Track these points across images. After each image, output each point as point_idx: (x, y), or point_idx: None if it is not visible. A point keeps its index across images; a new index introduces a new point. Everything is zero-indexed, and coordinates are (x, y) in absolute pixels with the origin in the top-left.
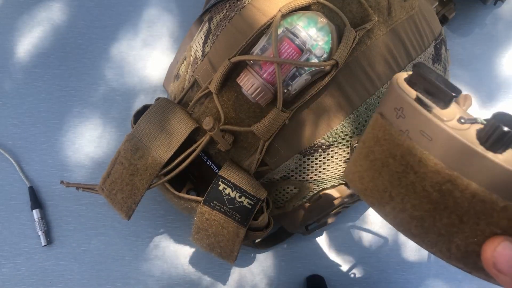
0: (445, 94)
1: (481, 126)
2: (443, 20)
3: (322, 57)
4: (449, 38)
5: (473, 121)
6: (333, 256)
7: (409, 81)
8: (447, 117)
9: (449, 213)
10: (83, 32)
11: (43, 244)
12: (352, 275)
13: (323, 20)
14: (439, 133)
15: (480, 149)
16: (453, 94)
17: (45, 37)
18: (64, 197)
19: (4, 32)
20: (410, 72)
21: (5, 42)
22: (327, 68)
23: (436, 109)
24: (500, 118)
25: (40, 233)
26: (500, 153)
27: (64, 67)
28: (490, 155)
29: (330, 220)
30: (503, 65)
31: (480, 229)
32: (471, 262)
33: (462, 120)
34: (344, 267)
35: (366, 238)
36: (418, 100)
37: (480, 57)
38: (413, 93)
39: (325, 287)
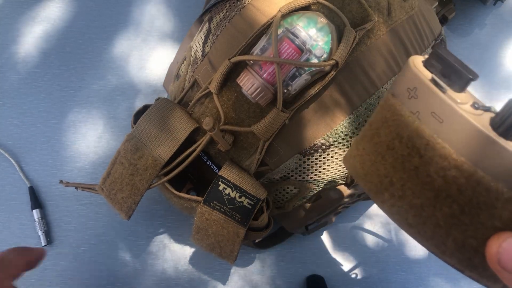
0: (462, 77)
1: (494, 115)
2: (443, 20)
3: (322, 57)
4: (449, 38)
5: (487, 108)
6: (333, 256)
7: (426, 62)
8: (462, 100)
9: (451, 202)
10: (83, 32)
11: (43, 244)
12: (352, 275)
13: (323, 20)
14: (452, 115)
15: (493, 134)
16: (470, 77)
17: (45, 37)
18: (64, 197)
19: (4, 32)
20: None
21: (5, 42)
22: (327, 68)
23: (451, 92)
24: None
25: (40, 233)
26: None
27: (64, 67)
28: (502, 141)
29: (330, 220)
30: (503, 65)
31: (480, 221)
32: (466, 258)
33: (476, 106)
34: (344, 267)
35: (366, 238)
36: (433, 80)
37: (480, 57)
38: (428, 74)
39: (325, 287)
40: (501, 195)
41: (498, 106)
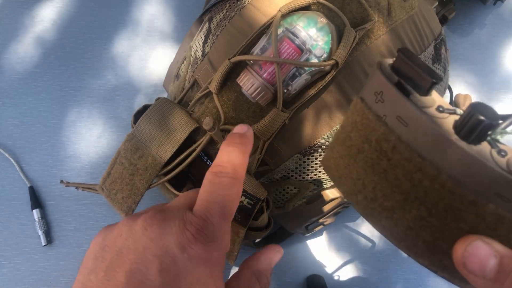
0: (425, 81)
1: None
2: (443, 20)
3: (322, 57)
4: (449, 38)
5: (452, 111)
6: (333, 256)
7: (393, 66)
8: (426, 104)
9: (419, 204)
10: (83, 32)
11: (43, 244)
12: (352, 275)
13: (323, 20)
14: (415, 119)
15: (454, 137)
16: (433, 80)
17: (45, 37)
18: (64, 197)
19: (4, 32)
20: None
21: (5, 42)
22: (327, 68)
23: (415, 95)
24: (477, 108)
25: (40, 233)
26: (474, 144)
27: (64, 67)
28: (463, 144)
29: (330, 220)
30: (503, 65)
31: (447, 224)
32: (437, 259)
33: (441, 109)
34: (344, 267)
35: (366, 238)
36: (398, 84)
37: (480, 57)
38: (394, 78)
39: (325, 287)
40: (465, 198)
41: (498, 106)
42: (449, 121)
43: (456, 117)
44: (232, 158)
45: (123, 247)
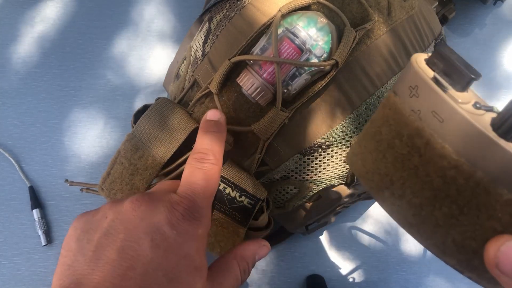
0: (463, 76)
1: (496, 115)
2: (443, 20)
3: (322, 57)
4: (449, 38)
5: (489, 108)
6: (333, 256)
7: (428, 61)
8: (463, 100)
9: (450, 202)
10: (83, 32)
11: (43, 244)
12: (352, 275)
13: (323, 20)
14: (452, 115)
15: (492, 135)
16: (472, 76)
17: (45, 37)
18: (64, 197)
19: (4, 32)
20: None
21: (5, 42)
22: (327, 68)
23: (452, 91)
24: None
25: (40, 232)
26: None
27: (64, 67)
28: (502, 142)
29: (330, 220)
30: (503, 64)
31: (479, 223)
32: (465, 258)
33: (478, 105)
34: (344, 267)
35: (366, 238)
36: (434, 79)
37: (480, 57)
38: (430, 72)
39: (325, 287)
40: (500, 197)
41: (498, 105)
42: (486, 118)
43: (493, 115)
44: (212, 144)
45: (111, 227)
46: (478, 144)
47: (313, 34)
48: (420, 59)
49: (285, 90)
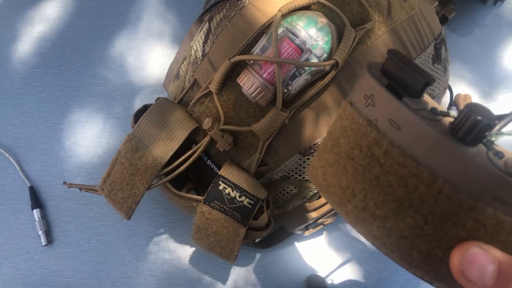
0: (417, 82)
1: (453, 120)
2: (443, 20)
3: (322, 57)
4: (449, 38)
5: (446, 114)
6: (333, 256)
7: (382, 68)
8: (419, 106)
9: (414, 212)
10: (83, 32)
11: (43, 244)
12: (352, 275)
13: (323, 20)
14: (409, 122)
15: (450, 140)
16: (426, 81)
17: (45, 37)
18: (64, 197)
19: (4, 32)
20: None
21: (5, 42)
22: (327, 68)
23: (408, 98)
24: (474, 109)
25: (40, 232)
26: (471, 146)
27: (64, 67)
28: (459, 147)
29: (330, 220)
30: (503, 65)
31: (444, 231)
32: (432, 269)
33: (434, 111)
34: (344, 267)
35: None
36: (389, 87)
37: (480, 57)
38: (385, 80)
39: (325, 287)
40: (463, 203)
41: (497, 105)
42: (443, 123)
43: (450, 119)
44: None
45: None
46: (437, 150)
47: (313, 34)
48: (373, 66)
49: (285, 90)
